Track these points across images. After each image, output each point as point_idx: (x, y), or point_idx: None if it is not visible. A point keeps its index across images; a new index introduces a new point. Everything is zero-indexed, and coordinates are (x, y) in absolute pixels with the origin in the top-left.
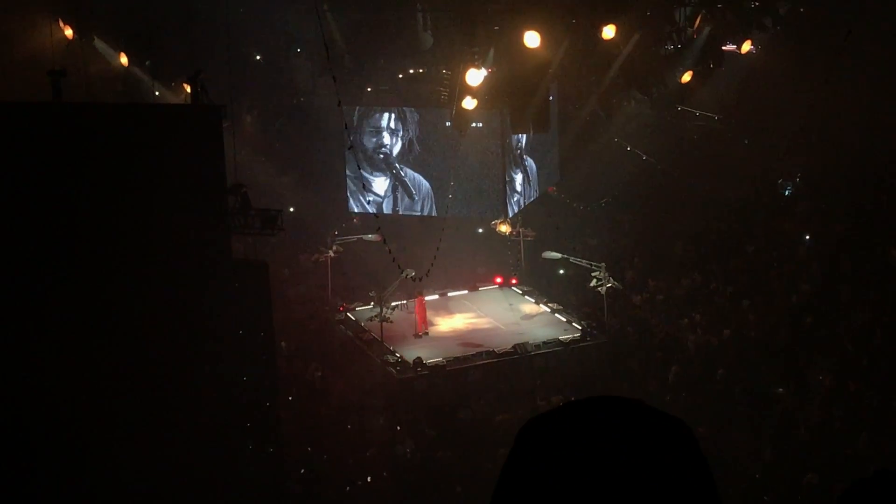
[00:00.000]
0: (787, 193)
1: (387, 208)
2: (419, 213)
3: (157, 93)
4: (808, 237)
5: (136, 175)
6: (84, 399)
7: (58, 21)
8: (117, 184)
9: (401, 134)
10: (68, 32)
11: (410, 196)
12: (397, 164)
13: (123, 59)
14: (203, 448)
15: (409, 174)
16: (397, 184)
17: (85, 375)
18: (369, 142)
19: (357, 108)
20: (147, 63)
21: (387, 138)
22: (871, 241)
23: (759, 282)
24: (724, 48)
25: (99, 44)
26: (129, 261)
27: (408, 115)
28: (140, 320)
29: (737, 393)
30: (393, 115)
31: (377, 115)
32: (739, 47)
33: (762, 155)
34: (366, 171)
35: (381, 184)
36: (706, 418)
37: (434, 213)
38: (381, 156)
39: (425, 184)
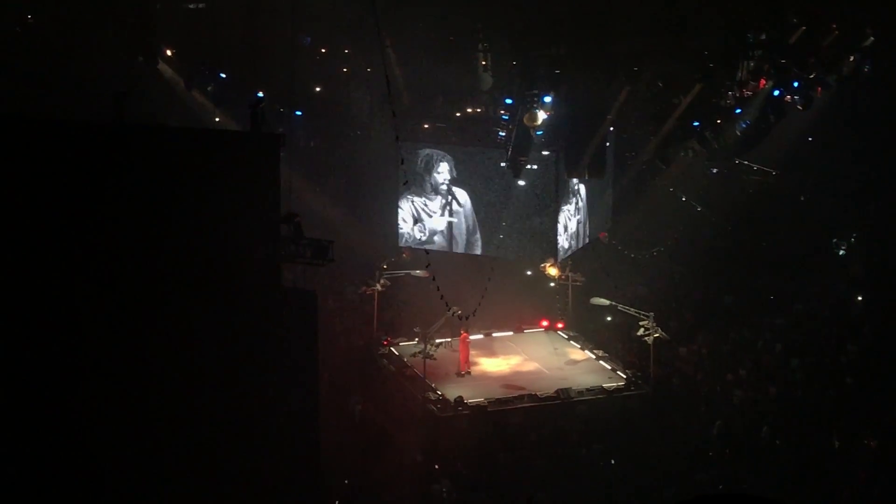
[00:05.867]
0: (841, 253)
1: (437, 244)
2: (465, 252)
3: (217, 119)
4: (859, 298)
5: (193, 198)
6: (126, 419)
7: (124, 44)
8: (174, 206)
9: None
10: (134, 56)
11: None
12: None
13: (186, 84)
14: (242, 474)
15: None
16: (449, 222)
17: (130, 394)
18: (424, 179)
19: (418, 149)
20: (209, 89)
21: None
22: None
23: (808, 341)
24: (785, 101)
25: (163, 68)
26: (180, 282)
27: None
28: (187, 342)
29: (781, 452)
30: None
31: (430, 154)
32: (801, 102)
33: (818, 213)
34: (420, 207)
35: (434, 221)
36: (749, 476)
37: (478, 252)
38: (435, 194)
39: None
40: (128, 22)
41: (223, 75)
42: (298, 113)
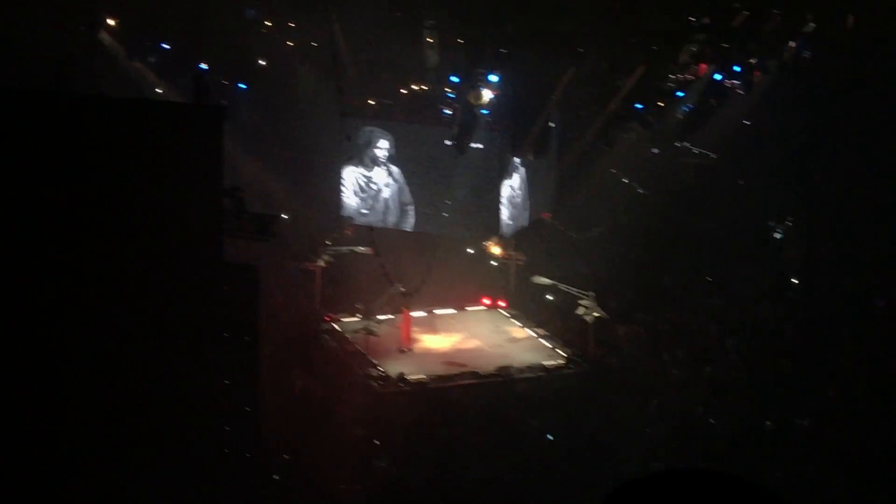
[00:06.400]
0: (777, 236)
1: (373, 218)
2: (401, 228)
3: (159, 90)
4: (795, 281)
5: (133, 170)
6: (60, 395)
7: (64, 13)
8: (113, 177)
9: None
10: (75, 24)
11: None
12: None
13: (128, 54)
14: (179, 450)
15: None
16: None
17: (63, 371)
18: (364, 153)
19: (362, 125)
20: (151, 59)
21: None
22: (856, 289)
23: (743, 322)
24: (726, 85)
25: (104, 37)
26: (117, 255)
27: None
28: (125, 315)
29: (715, 431)
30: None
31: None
32: (742, 87)
33: (755, 196)
34: (359, 180)
35: (370, 194)
36: (684, 454)
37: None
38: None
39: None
40: None
41: (166, 46)
42: (242, 86)
